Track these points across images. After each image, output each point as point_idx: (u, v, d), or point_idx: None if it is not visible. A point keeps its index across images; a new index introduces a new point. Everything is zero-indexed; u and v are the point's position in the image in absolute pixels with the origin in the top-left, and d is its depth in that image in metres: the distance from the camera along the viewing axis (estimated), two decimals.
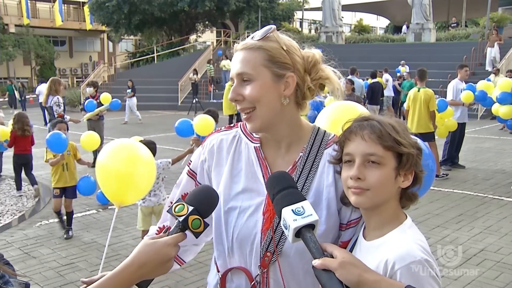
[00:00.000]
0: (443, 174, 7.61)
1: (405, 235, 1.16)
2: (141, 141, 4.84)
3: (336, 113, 1.86)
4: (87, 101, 8.81)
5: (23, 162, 6.84)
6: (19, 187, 7.14)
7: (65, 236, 5.16)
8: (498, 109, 7.50)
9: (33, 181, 7.03)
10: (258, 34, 1.29)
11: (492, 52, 18.27)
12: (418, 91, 7.45)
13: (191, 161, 1.46)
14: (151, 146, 4.81)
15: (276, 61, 1.26)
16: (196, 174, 1.43)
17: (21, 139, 6.69)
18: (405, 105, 7.76)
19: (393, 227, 1.19)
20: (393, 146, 1.15)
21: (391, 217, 1.20)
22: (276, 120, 1.30)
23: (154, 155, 4.81)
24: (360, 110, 1.85)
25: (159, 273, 1.10)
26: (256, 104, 1.26)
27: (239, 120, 14.27)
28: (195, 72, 21.02)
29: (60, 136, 5.11)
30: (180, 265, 1.49)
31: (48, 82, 7.83)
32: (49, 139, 5.07)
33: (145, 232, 4.51)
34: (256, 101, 1.26)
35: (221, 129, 1.46)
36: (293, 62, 1.28)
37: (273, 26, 1.30)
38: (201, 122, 5.26)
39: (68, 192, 5.30)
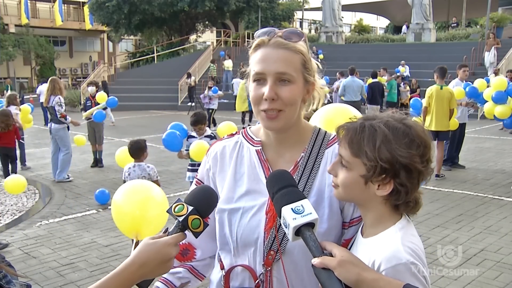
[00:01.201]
0: (442, 174, 7.61)
1: (395, 236, 1.15)
2: (130, 141, 4.75)
3: (329, 115, 1.88)
4: (95, 112, 8.67)
5: (6, 153, 7.36)
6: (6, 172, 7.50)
7: None
8: (493, 109, 7.47)
9: (13, 171, 7.43)
10: (290, 35, 1.29)
11: (489, 56, 17.91)
12: (441, 89, 7.40)
13: (198, 172, 1.50)
14: (140, 146, 4.65)
15: (307, 66, 1.30)
16: (203, 182, 1.46)
17: (3, 134, 7.18)
18: (424, 102, 7.65)
19: (386, 227, 1.19)
20: (360, 155, 1.15)
21: (381, 217, 1.20)
22: (294, 121, 1.33)
23: (144, 152, 4.67)
24: (352, 112, 1.89)
25: (159, 272, 1.11)
26: (288, 106, 1.28)
27: (251, 117, 14.31)
28: (189, 75, 20.86)
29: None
30: (201, 280, 1.52)
31: (49, 82, 7.87)
32: None
33: None
34: (290, 104, 1.28)
35: (223, 137, 1.48)
36: (313, 69, 1.34)
37: (305, 33, 1.33)
38: (197, 148, 5.02)
39: None
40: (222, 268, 1.39)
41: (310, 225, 1.08)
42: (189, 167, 5.43)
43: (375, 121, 1.17)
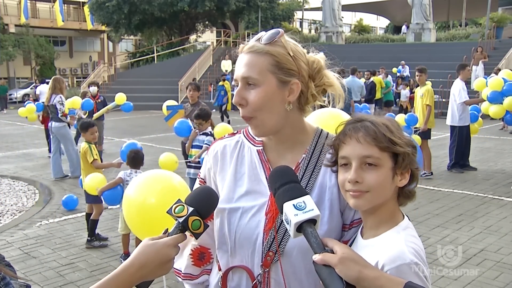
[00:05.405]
0: (431, 172, 7.65)
1: (398, 236, 1.16)
2: (131, 150, 4.62)
3: (322, 120, 1.88)
4: (83, 100, 8.76)
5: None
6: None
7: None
8: (488, 108, 7.45)
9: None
10: (265, 37, 1.27)
11: (477, 70, 17.32)
12: None
13: (200, 171, 1.49)
14: (141, 156, 4.55)
15: (282, 67, 1.26)
16: (206, 181, 1.46)
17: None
18: (430, 102, 7.70)
19: (388, 228, 1.19)
20: (389, 147, 1.15)
21: (387, 217, 1.21)
22: (280, 125, 1.30)
23: (142, 162, 4.61)
24: (344, 117, 1.88)
25: (159, 274, 1.10)
26: (258, 112, 1.27)
27: None
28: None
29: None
30: None
31: (51, 81, 8.02)
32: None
33: (126, 235, 4.50)
34: (259, 108, 1.26)
35: (224, 136, 1.47)
36: (299, 68, 1.28)
37: (281, 31, 1.29)
38: (166, 159, 5.18)
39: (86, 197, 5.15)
40: (220, 269, 1.39)
41: (312, 221, 1.08)
42: (188, 164, 5.49)
43: (376, 118, 1.21)
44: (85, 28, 33.87)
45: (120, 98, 9.43)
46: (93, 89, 9.36)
